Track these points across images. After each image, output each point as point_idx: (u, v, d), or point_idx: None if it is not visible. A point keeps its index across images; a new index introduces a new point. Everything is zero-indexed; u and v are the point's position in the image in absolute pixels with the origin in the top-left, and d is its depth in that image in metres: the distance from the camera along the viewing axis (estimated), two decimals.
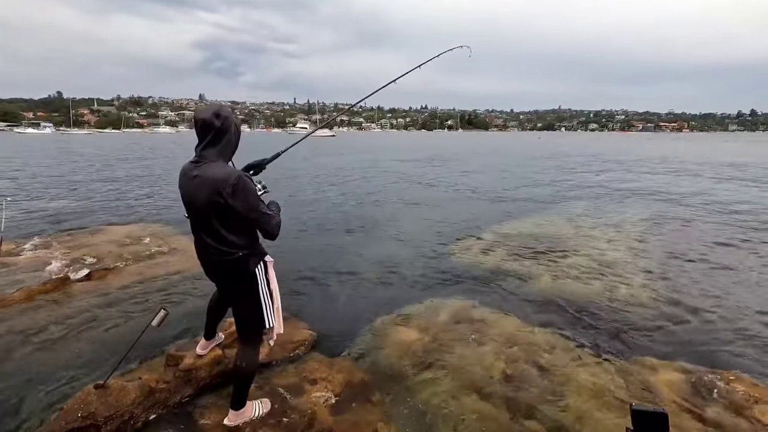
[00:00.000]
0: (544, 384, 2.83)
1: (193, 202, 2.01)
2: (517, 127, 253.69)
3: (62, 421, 2.25)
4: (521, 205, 9.91)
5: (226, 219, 1.99)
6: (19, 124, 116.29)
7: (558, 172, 17.68)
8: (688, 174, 16.86)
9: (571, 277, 4.89)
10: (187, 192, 2.03)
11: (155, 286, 4.40)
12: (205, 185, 1.93)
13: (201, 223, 2.05)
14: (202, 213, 2.00)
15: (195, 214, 2.06)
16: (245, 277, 2.12)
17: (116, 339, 3.30)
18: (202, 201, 1.95)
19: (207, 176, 1.93)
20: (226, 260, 2.06)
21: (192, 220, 2.11)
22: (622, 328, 3.70)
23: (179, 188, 2.09)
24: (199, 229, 2.09)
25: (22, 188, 11.75)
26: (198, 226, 2.08)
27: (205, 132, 1.97)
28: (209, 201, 1.93)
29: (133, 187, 12.47)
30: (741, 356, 3.29)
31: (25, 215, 8.02)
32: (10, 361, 2.99)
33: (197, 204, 1.99)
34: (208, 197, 1.93)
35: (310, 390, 2.67)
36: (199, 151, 1.99)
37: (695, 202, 10.13)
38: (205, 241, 2.07)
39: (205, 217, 2.00)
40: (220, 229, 2.00)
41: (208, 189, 1.92)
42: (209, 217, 1.99)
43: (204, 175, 1.93)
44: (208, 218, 1.99)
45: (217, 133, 1.97)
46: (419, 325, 3.65)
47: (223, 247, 2.04)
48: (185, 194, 2.05)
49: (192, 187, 1.98)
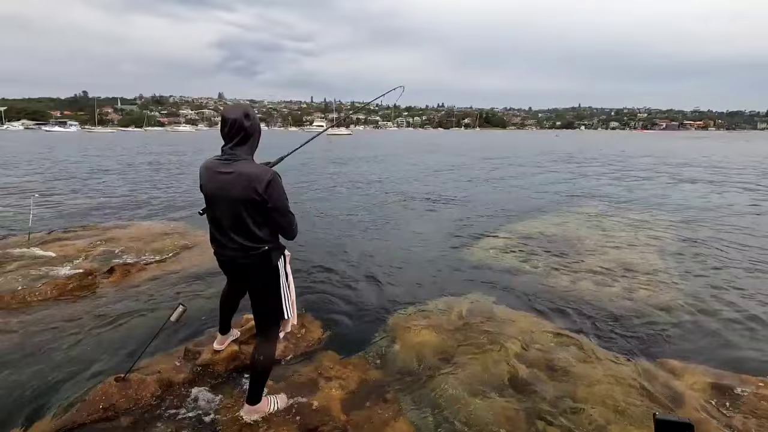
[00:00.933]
0: (561, 386, 2.77)
1: (223, 196, 2.04)
2: (535, 125, 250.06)
3: (84, 412, 2.32)
4: (540, 203, 9.76)
5: (256, 214, 2.05)
6: (47, 122, 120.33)
7: (573, 173, 17.34)
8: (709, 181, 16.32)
9: (589, 278, 4.79)
10: (217, 187, 2.05)
11: (175, 282, 4.49)
12: (240, 180, 1.98)
13: (229, 218, 2.08)
14: (234, 207, 2.04)
15: (224, 208, 2.08)
16: (268, 270, 2.18)
17: (136, 333, 3.37)
18: (236, 195, 2.00)
19: (243, 172, 1.99)
20: (250, 255, 2.11)
21: (215, 216, 2.14)
22: (642, 330, 3.60)
23: (202, 184, 2.12)
24: (223, 224, 2.11)
25: (50, 184, 12.14)
26: (224, 220, 2.10)
27: (236, 132, 2.03)
28: (244, 196, 1.99)
29: (155, 184, 12.75)
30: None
31: (52, 211, 8.28)
32: (34, 353, 3.09)
33: (229, 198, 2.03)
34: (243, 192, 1.98)
35: (324, 386, 2.68)
36: (228, 149, 2.04)
37: (723, 209, 9.81)
38: (230, 235, 2.10)
39: (236, 211, 2.04)
40: (249, 224, 2.05)
41: (244, 184, 1.97)
42: (240, 211, 2.03)
43: (240, 171, 1.99)
44: (238, 213, 2.04)
45: (246, 132, 2.04)
46: (434, 323, 3.63)
47: (249, 242, 2.08)
48: (212, 189, 2.08)
49: (224, 182, 2.02)
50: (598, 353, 3.18)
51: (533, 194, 11.34)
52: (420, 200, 10.27)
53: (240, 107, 2.08)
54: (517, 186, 13.09)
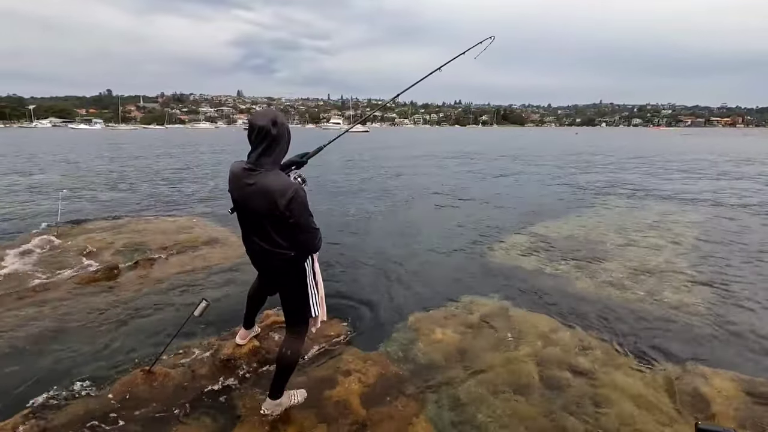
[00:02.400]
0: (583, 388, 2.72)
1: (247, 208, 2.06)
2: (554, 122, 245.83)
3: (111, 401, 2.38)
4: (561, 204, 9.59)
5: (278, 226, 2.04)
6: (73, 120, 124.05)
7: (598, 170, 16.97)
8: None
9: (612, 281, 4.66)
10: (241, 197, 2.06)
11: (198, 277, 4.56)
12: (261, 195, 1.96)
13: (253, 228, 2.11)
14: (256, 218, 2.05)
15: (248, 218, 2.11)
16: (296, 272, 2.20)
17: (161, 327, 3.44)
18: (257, 209, 2.00)
19: (264, 186, 1.95)
20: (278, 259, 2.13)
21: (244, 223, 2.16)
22: (667, 334, 3.50)
23: (230, 189, 2.11)
24: (250, 232, 2.14)
25: (77, 179, 12.50)
26: (250, 229, 2.13)
27: (262, 140, 1.97)
28: (265, 210, 1.98)
29: (179, 179, 12.99)
30: None
31: (79, 205, 8.52)
32: (63, 343, 3.18)
33: (251, 210, 2.04)
34: (263, 206, 1.97)
35: (343, 381, 2.69)
36: (254, 159, 2.00)
37: (751, 207, 9.46)
38: (257, 242, 2.12)
39: (259, 222, 2.05)
40: (272, 234, 2.06)
41: (265, 199, 1.96)
42: (262, 223, 2.04)
43: (261, 185, 1.96)
44: (261, 223, 2.05)
45: (273, 140, 1.98)
46: (455, 322, 3.60)
47: (276, 249, 2.10)
48: (238, 199, 2.08)
49: (247, 194, 2.01)
50: (622, 357, 3.11)
51: (554, 193, 11.14)
52: (439, 197, 10.21)
53: (268, 114, 2.01)
54: (537, 184, 12.89)
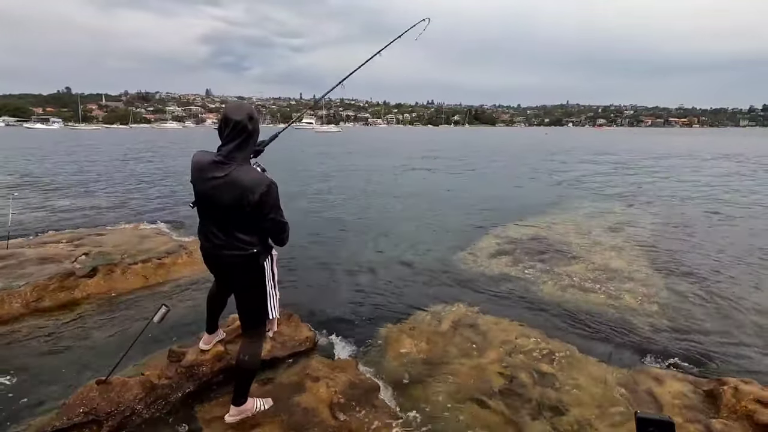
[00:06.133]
0: (546, 392, 2.80)
1: (214, 200, 2.00)
2: (524, 122, 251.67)
3: (64, 416, 2.26)
4: (527, 206, 9.82)
5: (245, 221, 2.01)
6: (29, 119, 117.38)
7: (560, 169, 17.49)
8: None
9: (575, 284, 4.79)
10: (208, 189, 2.00)
11: (159, 283, 4.42)
12: (233, 188, 1.93)
13: (215, 221, 2.05)
14: (223, 212, 2.00)
15: (213, 210, 2.05)
16: (254, 270, 2.14)
17: (119, 335, 3.31)
18: (227, 202, 1.96)
19: (236, 180, 1.93)
20: (238, 255, 2.07)
21: (205, 215, 2.10)
22: (626, 336, 3.65)
23: (193, 180, 2.06)
24: (213, 225, 2.08)
25: (30, 184, 11.86)
26: (213, 222, 2.07)
27: (237, 134, 1.95)
28: (235, 203, 1.95)
29: (141, 184, 12.54)
30: (749, 363, 3.23)
31: (33, 210, 8.09)
32: (15, 356, 3.01)
33: (220, 204, 1.99)
34: (234, 200, 1.94)
35: (311, 387, 2.65)
36: (226, 151, 1.96)
37: (703, 204, 9.98)
38: (218, 236, 2.06)
39: (225, 216, 2.01)
40: (237, 228, 2.03)
41: (236, 192, 1.93)
42: (229, 216, 2.00)
43: (233, 178, 1.93)
44: (227, 217, 2.01)
45: (248, 135, 1.98)
46: (423, 330, 3.63)
47: (238, 244, 2.05)
48: (203, 190, 2.02)
49: (214, 186, 1.97)
50: (583, 360, 3.20)
51: (525, 194, 11.41)
52: (409, 199, 10.27)
53: (244, 108, 2.00)
54: (508, 185, 13.16)
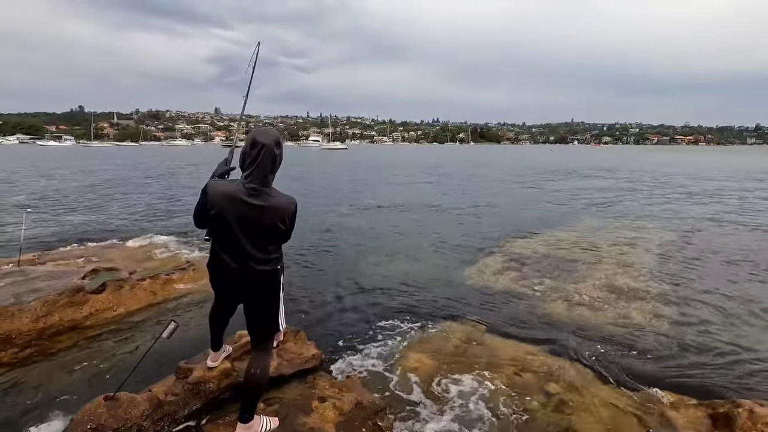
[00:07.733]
0: (555, 415, 2.76)
1: (251, 224, 2.07)
2: (529, 140, 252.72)
3: (71, 430, 2.26)
4: (535, 222, 9.80)
5: (275, 239, 2.17)
6: (42, 137, 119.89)
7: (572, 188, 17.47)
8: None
9: (584, 302, 4.74)
10: (243, 216, 2.04)
11: (167, 299, 4.44)
12: (273, 214, 2.08)
13: (250, 243, 2.10)
14: (259, 235, 2.10)
15: (247, 234, 2.08)
16: (277, 282, 2.25)
17: (127, 351, 3.32)
18: (265, 225, 2.09)
19: (277, 206, 2.09)
20: (270, 271, 2.18)
21: (235, 237, 2.09)
22: (636, 356, 3.58)
23: (217, 211, 2.04)
24: (247, 245, 2.10)
25: (42, 200, 12.06)
26: (243, 244, 2.09)
27: (269, 159, 2.04)
28: (272, 227, 2.10)
29: (150, 201, 12.69)
30: (765, 385, 3.16)
31: (44, 227, 8.21)
32: (23, 372, 3.03)
33: (256, 227, 2.08)
34: (273, 224, 2.09)
35: (318, 407, 2.63)
36: (260, 179, 2.03)
37: (716, 223, 9.90)
38: (253, 254, 2.11)
39: (260, 239, 2.11)
40: (269, 248, 2.15)
41: (276, 217, 2.08)
42: (264, 238, 2.12)
43: (273, 205, 2.08)
44: (261, 240, 2.11)
45: (276, 159, 2.08)
46: (430, 349, 3.60)
47: (265, 263, 2.15)
48: (236, 217, 2.04)
49: (253, 212, 2.04)
50: (593, 382, 3.16)
51: (532, 211, 11.40)
52: (414, 215, 10.29)
53: (272, 133, 2.08)
54: (517, 202, 13.16)
